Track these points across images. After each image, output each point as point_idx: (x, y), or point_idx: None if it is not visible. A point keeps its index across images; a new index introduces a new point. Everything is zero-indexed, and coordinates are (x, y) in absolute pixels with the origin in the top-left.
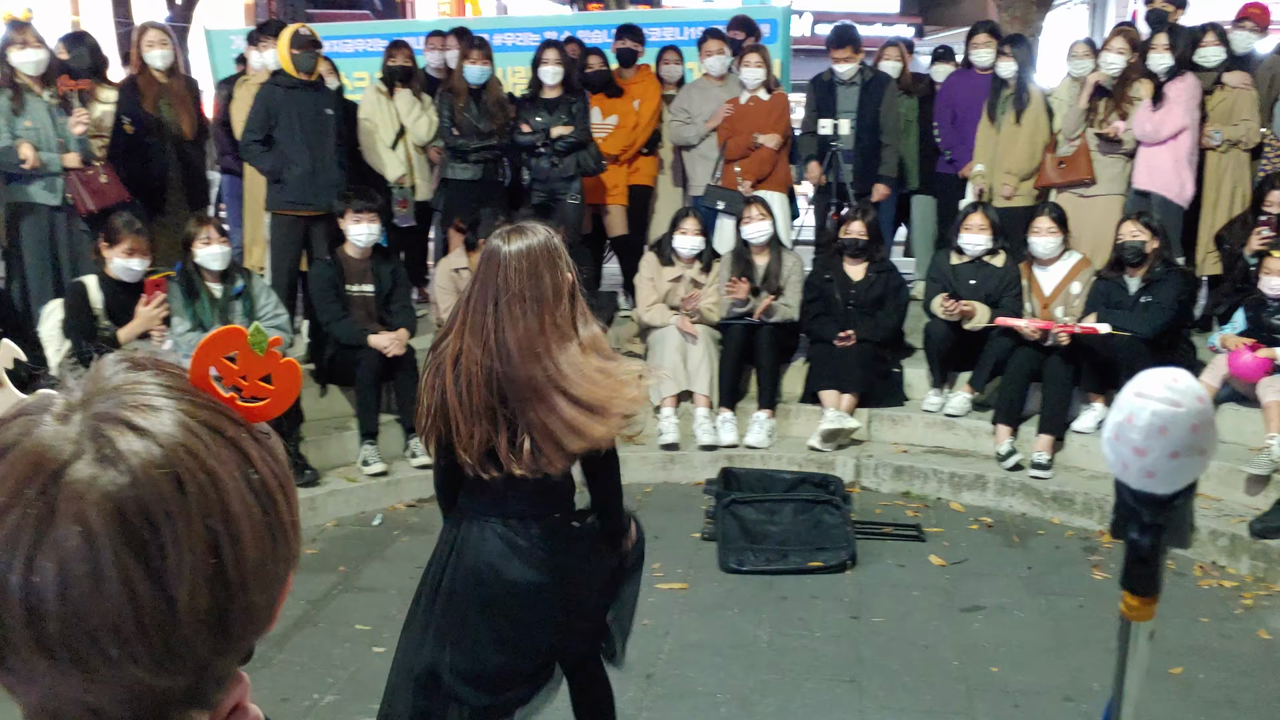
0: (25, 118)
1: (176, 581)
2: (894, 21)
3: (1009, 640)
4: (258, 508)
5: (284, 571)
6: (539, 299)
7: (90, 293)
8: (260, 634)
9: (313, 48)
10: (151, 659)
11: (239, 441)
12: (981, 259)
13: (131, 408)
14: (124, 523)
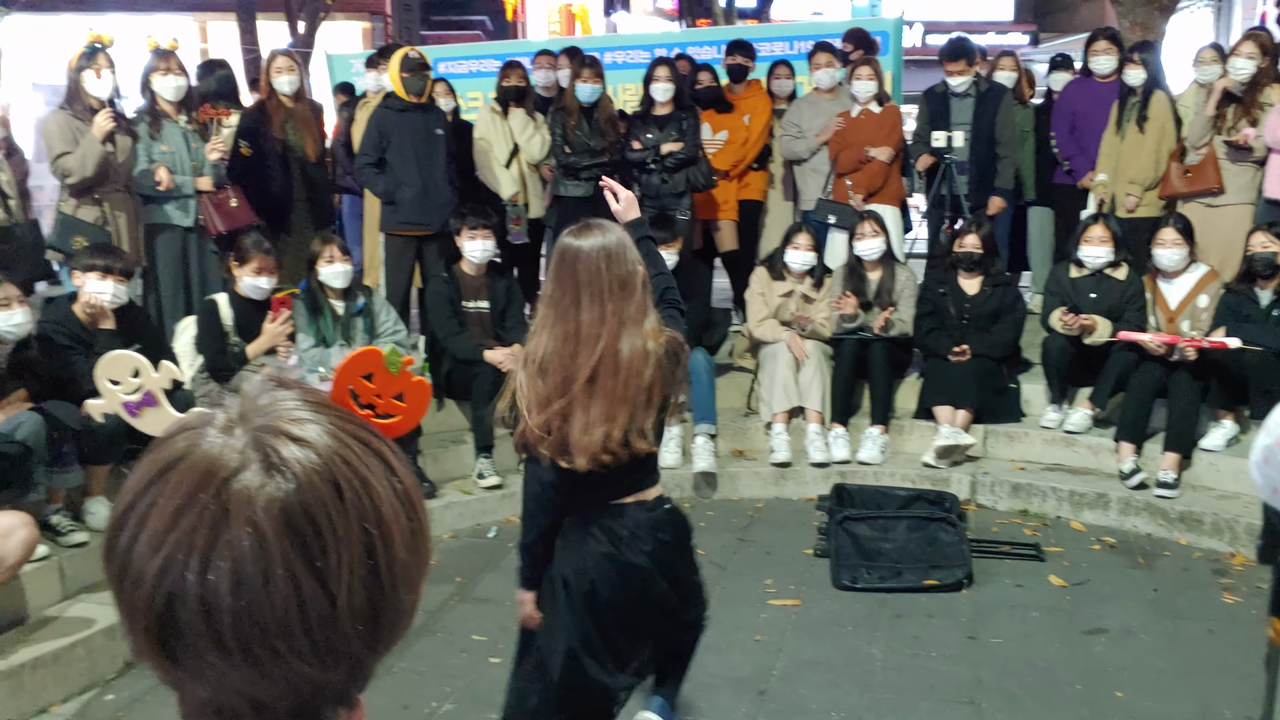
0: (162, 142)
1: (337, 580)
2: (1008, 30)
3: (1134, 665)
4: (403, 513)
5: (421, 575)
6: (611, 290)
7: (221, 310)
8: (403, 633)
9: (422, 71)
10: (314, 654)
11: (382, 452)
12: (1103, 272)
13: (288, 420)
14: (290, 525)
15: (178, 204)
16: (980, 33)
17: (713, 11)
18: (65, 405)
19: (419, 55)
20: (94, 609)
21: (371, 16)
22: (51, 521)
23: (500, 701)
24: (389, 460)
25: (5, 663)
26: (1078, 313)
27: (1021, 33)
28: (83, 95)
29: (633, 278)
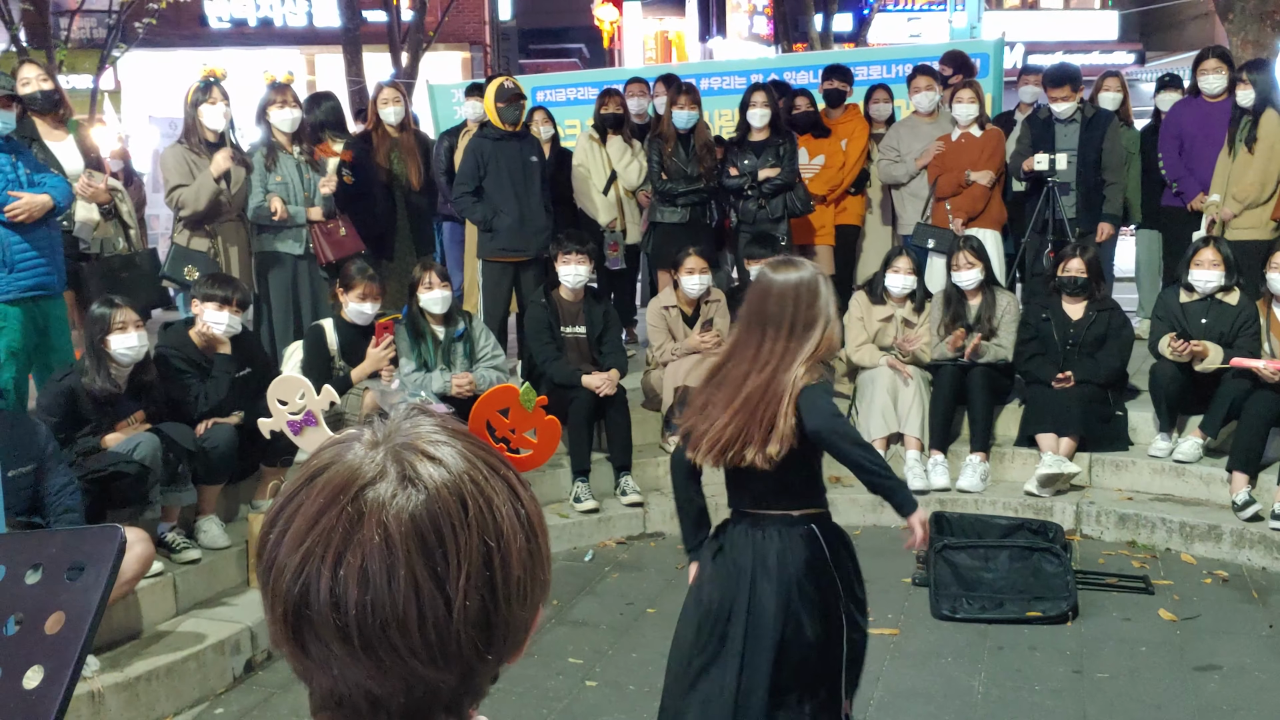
0: (277, 173)
1: (455, 586)
2: (1113, 49)
3: (1249, 704)
4: (522, 533)
5: (539, 596)
6: (793, 325)
7: (327, 334)
8: (516, 649)
9: (517, 100)
10: (428, 653)
11: (508, 478)
12: (1214, 296)
13: (426, 441)
14: (417, 531)
15: (290, 233)
16: (1084, 52)
17: (809, 36)
18: (180, 427)
19: (514, 85)
20: (206, 624)
21: (471, 46)
22: (166, 539)
23: None
24: (514, 485)
25: (121, 675)
26: (1188, 339)
27: (1127, 51)
28: (199, 128)
29: (815, 319)
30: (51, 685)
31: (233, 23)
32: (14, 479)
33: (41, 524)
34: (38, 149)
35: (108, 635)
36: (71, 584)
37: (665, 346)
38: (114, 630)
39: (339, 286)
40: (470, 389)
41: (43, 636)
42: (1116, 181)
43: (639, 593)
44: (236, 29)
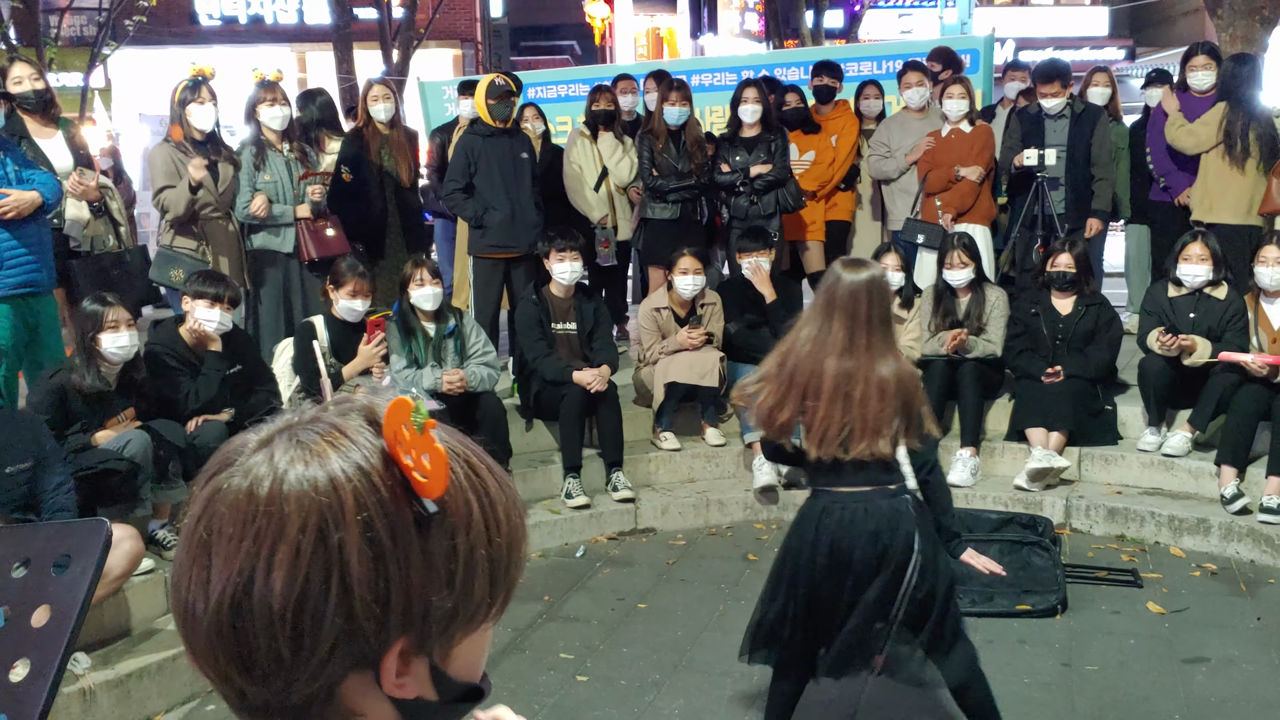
0: (266, 171)
1: (211, 588)
2: (1103, 45)
3: (1237, 696)
4: (371, 567)
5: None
6: (870, 321)
7: (318, 332)
8: (366, 656)
9: (507, 97)
10: (302, 661)
11: (376, 497)
12: (1202, 291)
13: (324, 441)
14: (220, 524)
15: (277, 231)
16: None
17: (800, 33)
18: (171, 424)
19: (505, 82)
20: None
21: (463, 44)
22: (157, 536)
23: (589, 719)
24: (386, 499)
25: (112, 672)
26: (1176, 333)
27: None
28: (187, 127)
29: (888, 315)
30: (37, 679)
31: (223, 20)
32: (11, 475)
33: (34, 521)
34: (27, 146)
35: (98, 633)
36: (58, 577)
37: (654, 347)
38: (105, 628)
39: (329, 283)
40: (461, 385)
41: (29, 630)
42: (1106, 177)
43: (630, 588)
44: (227, 26)
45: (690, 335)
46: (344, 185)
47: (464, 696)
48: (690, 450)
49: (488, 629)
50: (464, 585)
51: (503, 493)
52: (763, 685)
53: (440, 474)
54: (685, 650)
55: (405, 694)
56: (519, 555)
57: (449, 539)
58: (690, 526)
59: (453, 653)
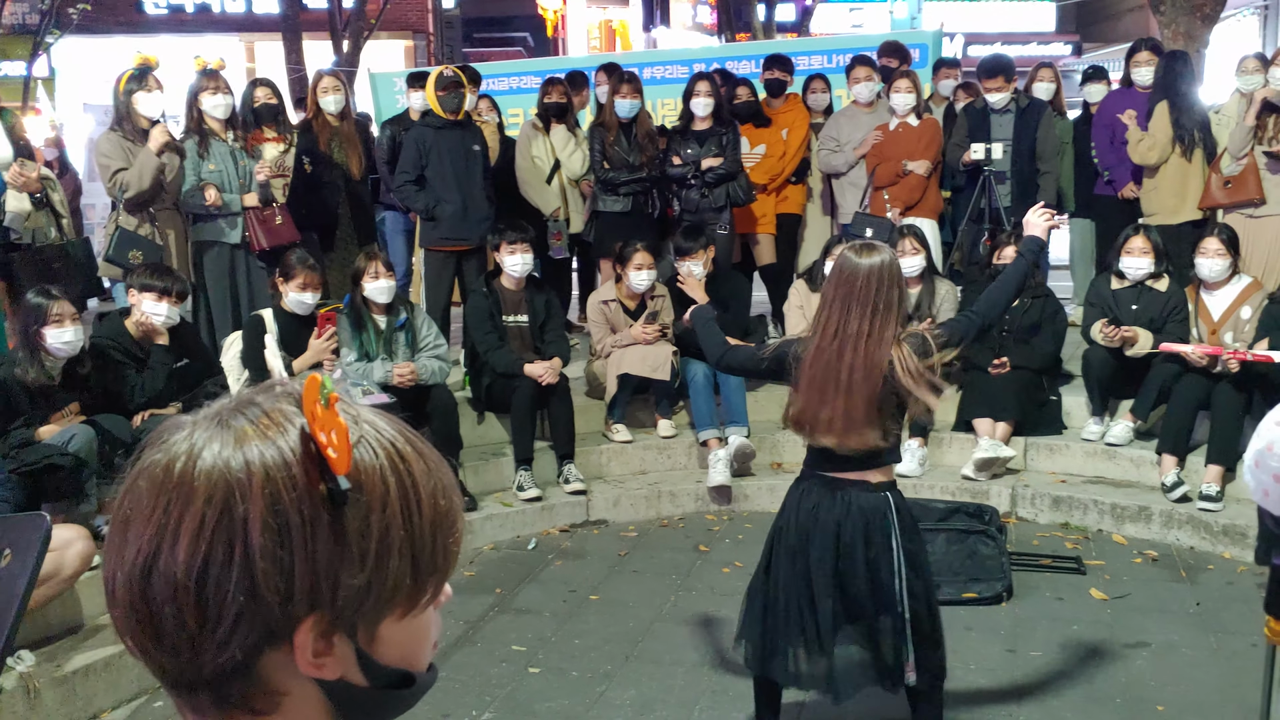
0: (210, 161)
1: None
2: (1050, 40)
3: (1176, 679)
4: (275, 540)
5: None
6: (877, 306)
7: (267, 325)
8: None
9: (456, 89)
10: (129, 623)
11: (296, 466)
12: (1144, 283)
13: (248, 422)
14: (138, 501)
15: (225, 221)
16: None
17: (752, 26)
18: (116, 418)
19: (454, 73)
20: None
21: (414, 35)
22: (103, 532)
23: (539, 711)
24: (289, 486)
25: (59, 670)
26: (1119, 324)
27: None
28: (133, 116)
29: (894, 300)
30: None
31: (169, 9)
32: None
33: None
34: None
35: (44, 630)
36: None
37: (605, 340)
38: (51, 625)
39: (279, 276)
40: (412, 378)
41: None
42: (1050, 170)
43: (582, 580)
44: (173, 15)
45: (645, 329)
46: (306, 176)
47: (397, 684)
48: (642, 442)
49: (423, 616)
50: (378, 564)
51: (430, 477)
52: (713, 674)
53: (344, 448)
54: (637, 641)
55: (325, 674)
56: (448, 540)
57: (363, 517)
58: (642, 518)
59: (381, 636)
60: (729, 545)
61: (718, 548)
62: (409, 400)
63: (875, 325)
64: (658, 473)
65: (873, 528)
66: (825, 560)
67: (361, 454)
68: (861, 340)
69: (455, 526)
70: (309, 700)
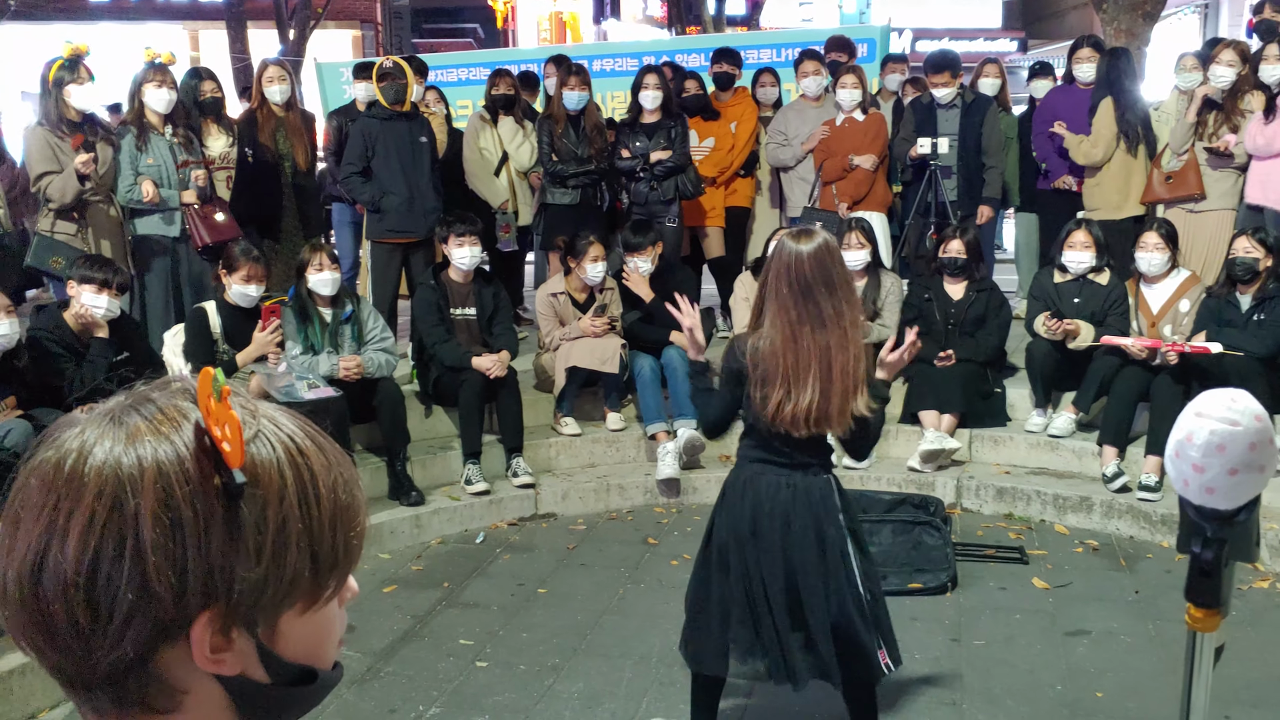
0: (148, 155)
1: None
2: (997, 36)
3: (1115, 666)
4: (167, 534)
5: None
6: (839, 282)
7: (210, 318)
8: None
9: (394, 79)
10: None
11: (190, 461)
12: (1086, 277)
13: (141, 419)
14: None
15: (164, 216)
16: (969, 39)
17: (702, 19)
18: (54, 413)
19: (394, 63)
20: None
21: (362, 25)
22: None
23: (486, 705)
24: (183, 481)
25: None
26: (1061, 318)
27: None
28: (63, 107)
29: (848, 274)
30: None
31: None
32: None
33: None
34: None
35: None
36: None
37: (554, 333)
38: None
39: (222, 268)
40: (358, 372)
41: None
42: (995, 165)
43: (530, 573)
44: (115, 2)
45: (594, 322)
46: (249, 166)
47: (300, 680)
48: (591, 435)
49: (325, 612)
50: (275, 558)
51: (330, 471)
52: (662, 666)
53: (238, 441)
54: (585, 634)
55: (224, 670)
56: (349, 534)
57: (259, 510)
58: (591, 511)
59: (282, 631)
60: (677, 538)
61: (666, 540)
62: (355, 394)
63: (844, 305)
64: (606, 466)
65: (819, 511)
66: (775, 549)
67: (258, 448)
68: (835, 321)
69: (356, 520)
70: (210, 697)
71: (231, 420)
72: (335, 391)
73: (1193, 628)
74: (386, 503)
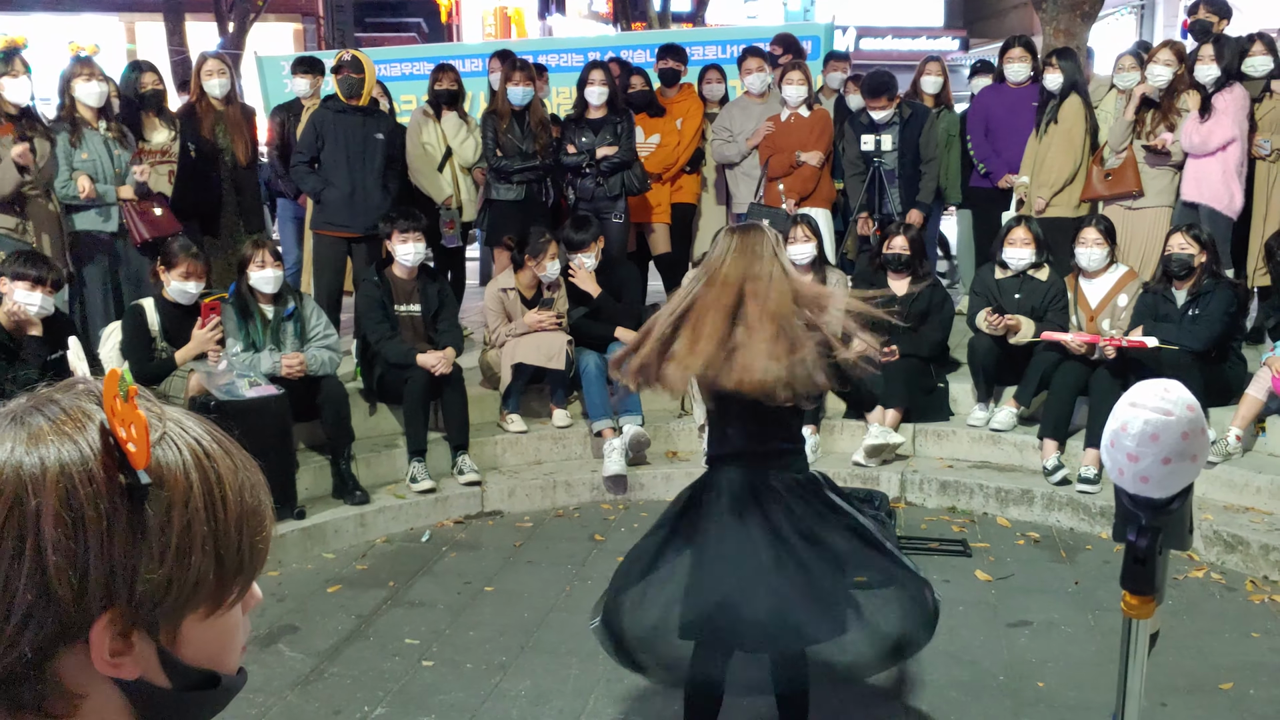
0: (83, 150)
1: None
2: (939, 35)
3: (1056, 655)
4: (68, 534)
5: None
6: (771, 254)
7: (148, 315)
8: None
9: (351, 73)
10: None
11: (94, 462)
12: (1026, 273)
13: (45, 420)
14: None
15: (101, 212)
16: (912, 37)
17: (647, 15)
18: None
19: (352, 57)
20: None
21: (303, 18)
22: None
23: (432, 704)
24: (83, 482)
25: None
26: (1002, 313)
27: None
28: None
29: (786, 262)
30: None
31: None
32: None
33: None
34: None
35: None
36: None
37: (499, 330)
38: None
39: (160, 265)
40: (301, 369)
41: None
42: (929, 172)
43: (477, 572)
44: None
45: (540, 317)
46: (191, 161)
47: (202, 685)
48: (537, 432)
49: (229, 617)
50: (179, 560)
51: (237, 475)
52: (609, 664)
53: (144, 442)
54: (532, 632)
55: (124, 674)
56: (255, 538)
57: (164, 512)
58: (537, 508)
59: (184, 635)
60: (624, 535)
61: (613, 537)
62: (298, 391)
63: (780, 262)
64: (553, 463)
65: (809, 495)
66: (763, 531)
67: (164, 450)
68: (774, 278)
69: (263, 525)
70: (109, 702)
71: (138, 421)
72: (277, 389)
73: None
74: (331, 501)
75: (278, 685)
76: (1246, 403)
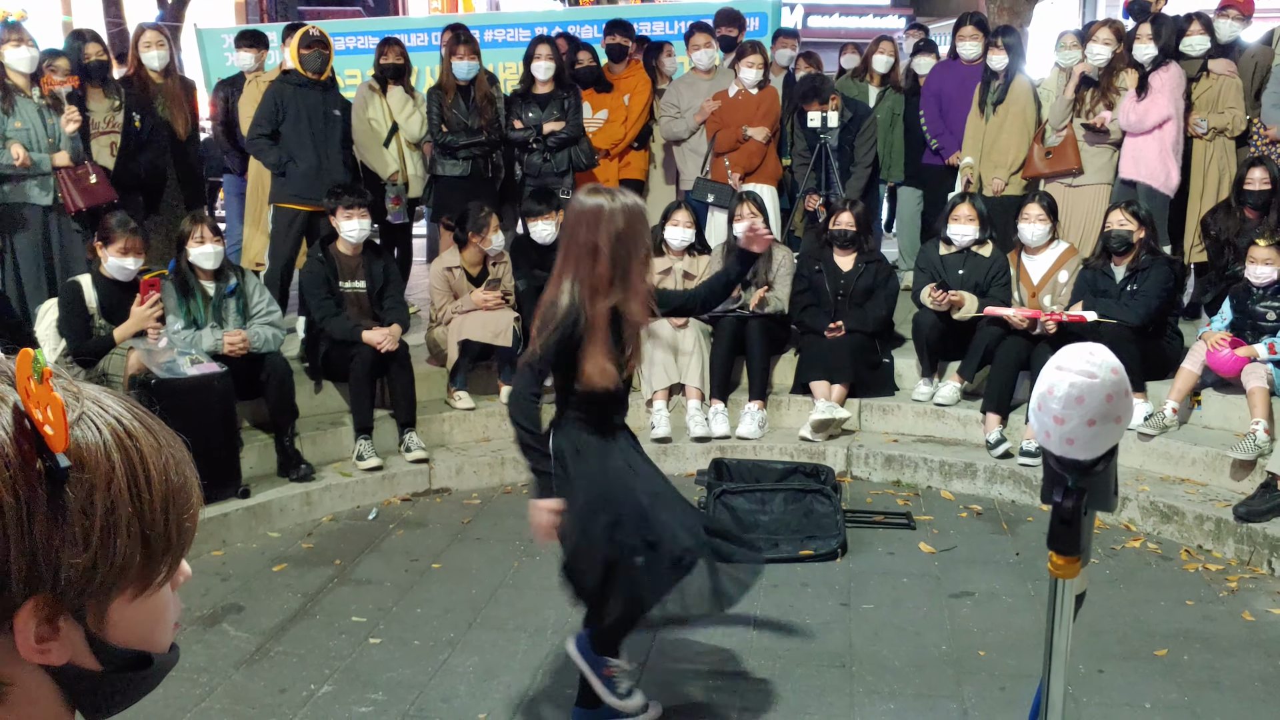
0: (15, 118)
1: None
2: (885, 13)
3: (997, 625)
4: None
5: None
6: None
7: (85, 292)
8: None
9: (320, 48)
10: None
11: (9, 446)
12: (970, 249)
13: None
14: None
15: (36, 182)
16: (859, 14)
17: None
18: None
19: (319, 33)
20: None
21: None
22: None
23: (379, 682)
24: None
25: None
26: (946, 289)
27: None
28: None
29: (596, 243)
30: None
31: None
32: None
33: None
34: None
35: None
36: None
37: (446, 307)
38: None
39: (97, 240)
40: (244, 347)
41: None
42: (857, 172)
43: (424, 549)
44: None
45: (486, 296)
46: (137, 133)
47: (133, 665)
48: (485, 409)
49: (159, 596)
50: (103, 543)
51: (161, 453)
52: (556, 639)
53: (61, 424)
54: (480, 608)
55: (52, 660)
56: (182, 517)
57: (85, 495)
58: (485, 485)
59: (112, 618)
60: None
61: None
62: (241, 369)
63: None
64: (501, 439)
65: None
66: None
67: (83, 431)
68: (612, 281)
69: (189, 503)
70: (38, 688)
71: (54, 402)
72: (220, 367)
73: (1055, 574)
74: (275, 479)
75: (222, 665)
76: (1182, 376)
